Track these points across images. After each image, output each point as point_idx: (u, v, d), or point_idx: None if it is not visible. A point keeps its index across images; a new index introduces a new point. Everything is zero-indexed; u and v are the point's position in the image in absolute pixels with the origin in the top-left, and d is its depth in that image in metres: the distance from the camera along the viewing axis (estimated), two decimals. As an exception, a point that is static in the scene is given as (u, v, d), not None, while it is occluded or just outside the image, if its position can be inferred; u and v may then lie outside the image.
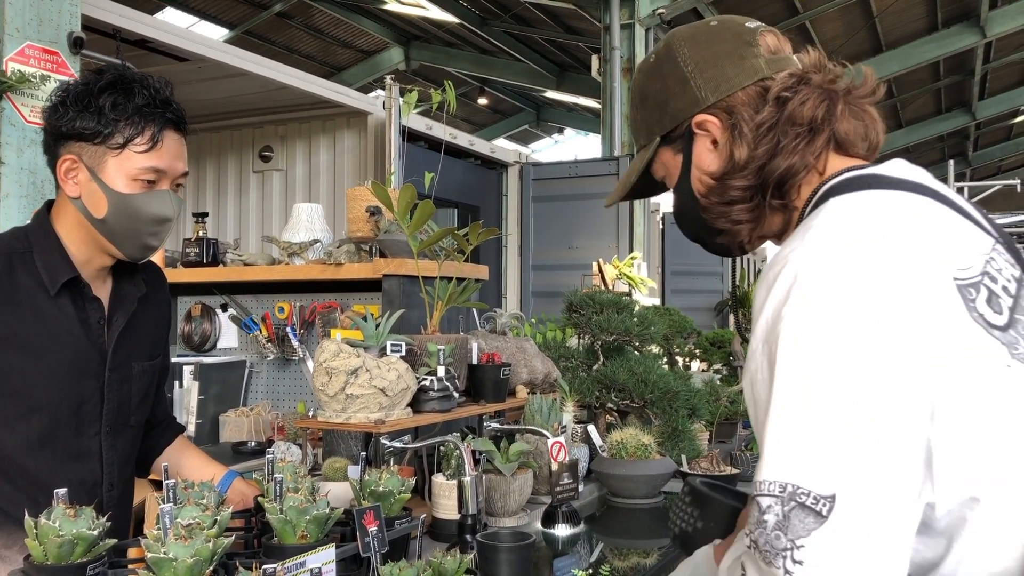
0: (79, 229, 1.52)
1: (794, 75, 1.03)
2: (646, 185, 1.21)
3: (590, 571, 1.67)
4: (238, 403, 3.46)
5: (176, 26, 5.26)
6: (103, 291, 1.60)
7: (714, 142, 1.07)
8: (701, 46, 1.08)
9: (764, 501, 0.80)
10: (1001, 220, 18.69)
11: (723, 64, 1.06)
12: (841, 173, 0.98)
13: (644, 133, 1.16)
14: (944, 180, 11.22)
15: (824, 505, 0.76)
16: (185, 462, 1.84)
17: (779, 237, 1.07)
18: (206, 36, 5.54)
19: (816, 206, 0.96)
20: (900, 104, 14.87)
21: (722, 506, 1.22)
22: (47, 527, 1.22)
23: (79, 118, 1.45)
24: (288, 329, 3.23)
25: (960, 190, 11.29)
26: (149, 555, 1.17)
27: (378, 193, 2.37)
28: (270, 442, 3.02)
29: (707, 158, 1.08)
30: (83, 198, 1.49)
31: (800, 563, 0.76)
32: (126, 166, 1.47)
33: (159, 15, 9.71)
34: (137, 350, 1.65)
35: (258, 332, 3.35)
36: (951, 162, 11.29)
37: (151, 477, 1.87)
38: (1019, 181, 10.90)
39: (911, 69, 11.68)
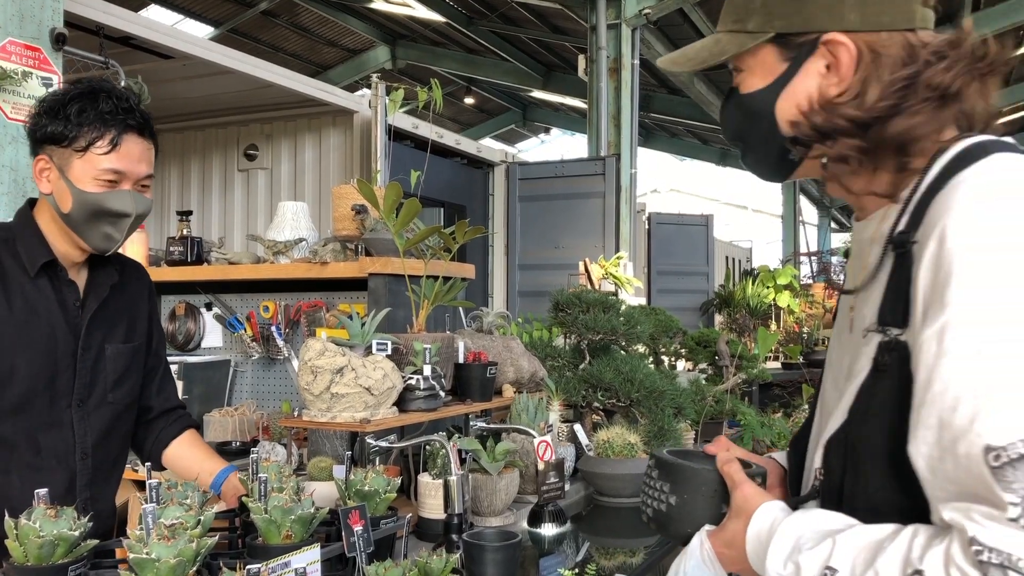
0: (53, 223, 1.68)
1: (948, 40, 0.98)
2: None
3: (576, 570, 1.67)
4: (223, 403, 3.44)
5: (160, 23, 5.21)
6: (80, 279, 1.74)
7: (829, 67, 0.99)
8: None
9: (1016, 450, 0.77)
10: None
11: None
12: (961, 139, 0.95)
13: (759, 18, 1.01)
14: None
15: None
16: (187, 454, 1.91)
17: (887, 197, 0.99)
18: (191, 34, 5.50)
19: (955, 167, 0.92)
20: (884, 105, 14.95)
21: (695, 473, 1.07)
22: (28, 528, 1.20)
23: (50, 124, 1.61)
24: (273, 328, 3.22)
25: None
26: (131, 556, 1.16)
27: (364, 191, 2.36)
28: (255, 442, 3.00)
29: (817, 81, 1.00)
30: (54, 194, 1.64)
31: None
32: (89, 167, 1.61)
33: (143, 12, 9.64)
34: (112, 333, 1.77)
35: (243, 331, 3.33)
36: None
37: (135, 477, 1.87)
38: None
39: (895, 71, 11.72)
